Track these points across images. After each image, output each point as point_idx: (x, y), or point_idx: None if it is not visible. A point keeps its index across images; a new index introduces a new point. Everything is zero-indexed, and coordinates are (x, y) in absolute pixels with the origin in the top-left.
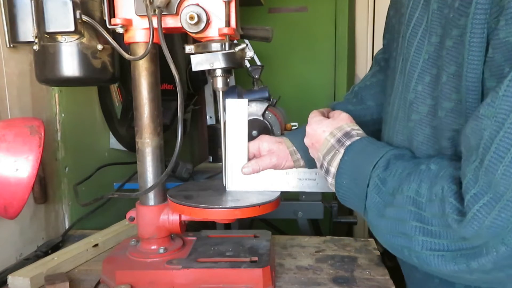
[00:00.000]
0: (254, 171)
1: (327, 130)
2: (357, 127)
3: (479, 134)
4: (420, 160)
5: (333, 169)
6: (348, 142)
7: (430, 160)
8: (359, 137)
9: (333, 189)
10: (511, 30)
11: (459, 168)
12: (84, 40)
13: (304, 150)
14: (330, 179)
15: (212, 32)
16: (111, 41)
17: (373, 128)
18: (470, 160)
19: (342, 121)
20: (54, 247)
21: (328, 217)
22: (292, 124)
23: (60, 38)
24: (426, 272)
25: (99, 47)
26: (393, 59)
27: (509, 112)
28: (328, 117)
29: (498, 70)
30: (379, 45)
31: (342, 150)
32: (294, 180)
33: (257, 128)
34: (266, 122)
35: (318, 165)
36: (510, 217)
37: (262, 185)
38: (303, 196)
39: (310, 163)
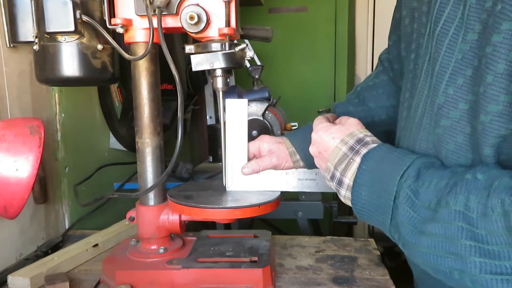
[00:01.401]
0: (254, 171)
1: (337, 137)
2: (369, 133)
3: None
4: (459, 169)
5: (347, 180)
6: (364, 150)
7: (475, 169)
8: (375, 144)
9: (348, 203)
10: None
11: None
12: (84, 40)
13: (303, 151)
14: (344, 192)
15: (212, 32)
16: (111, 41)
17: (373, 131)
18: None
19: (352, 127)
20: (54, 247)
21: (328, 217)
22: (292, 124)
23: (60, 38)
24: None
25: (99, 47)
26: (409, 60)
27: None
28: (334, 123)
29: None
30: (379, 45)
31: (358, 159)
32: (294, 180)
33: (257, 128)
34: (266, 122)
35: (327, 176)
36: None
37: (262, 185)
38: (303, 196)
39: (309, 164)
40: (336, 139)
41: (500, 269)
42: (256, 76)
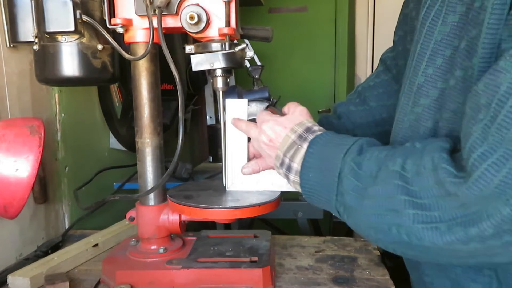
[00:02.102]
0: (254, 171)
1: (288, 127)
2: (317, 124)
3: (494, 90)
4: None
5: (296, 165)
6: (311, 137)
7: (415, 140)
8: (321, 132)
9: (296, 188)
10: None
11: (446, 141)
12: (84, 40)
13: None
14: (293, 176)
15: (212, 32)
16: (111, 41)
17: (375, 130)
18: (477, 119)
19: (301, 116)
20: (54, 247)
21: (328, 217)
22: None
23: (60, 38)
24: (437, 276)
25: (99, 47)
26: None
27: None
28: (283, 112)
29: None
30: (379, 45)
31: (305, 145)
32: None
33: None
34: None
35: (277, 163)
36: None
37: (262, 185)
38: (303, 196)
39: None
40: (287, 129)
41: (430, 218)
42: (256, 76)
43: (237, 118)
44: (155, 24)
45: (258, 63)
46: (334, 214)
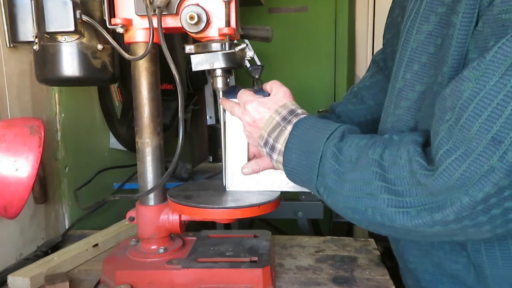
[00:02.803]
0: (254, 171)
1: (272, 108)
2: (299, 106)
3: (458, 95)
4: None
5: (279, 146)
6: (295, 119)
7: (391, 133)
8: (305, 115)
9: (279, 167)
10: (504, 8)
11: (420, 135)
12: (84, 40)
13: None
14: (276, 156)
15: (212, 32)
16: (111, 41)
17: (373, 128)
18: (444, 120)
19: (284, 98)
20: (54, 247)
21: (328, 217)
22: None
23: (60, 38)
24: (421, 262)
25: (99, 47)
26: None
27: (492, 76)
28: (265, 89)
29: (483, 42)
30: (379, 45)
31: (289, 127)
32: None
33: None
34: None
35: (261, 142)
36: (478, 169)
37: (262, 185)
38: (303, 196)
39: None
40: (271, 110)
41: (402, 203)
42: (256, 76)
43: (224, 98)
44: (155, 24)
45: (258, 63)
46: (314, 193)
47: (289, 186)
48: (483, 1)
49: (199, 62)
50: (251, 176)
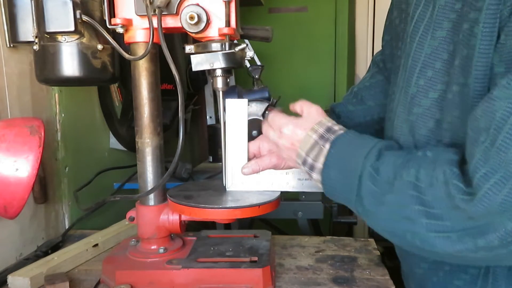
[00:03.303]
0: (254, 171)
1: (308, 127)
2: (334, 121)
3: (491, 116)
4: (413, 150)
5: (319, 165)
6: (332, 137)
7: (425, 148)
8: (342, 131)
9: (318, 185)
10: None
11: (456, 153)
12: (84, 40)
13: None
14: (316, 175)
15: (212, 32)
16: (111, 41)
17: (372, 129)
18: (478, 142)
19: (318, 116)
20: (54, 247)
21: (328, 217)
22: None
23: (60, 38)
24: (430, 266)
25: (99, 47)
26: (397, 58)
27: None
28: (294, 109)
29: (508, 55)
30: (379, 45)
31: (327, 145)
32: (294, 180)
33: (257, 128)
34: None
35: (299, 161)
36: None
37: (262, 185)
38: (303, 196)
39: None
40: (307, 129)
41: (442, 228)
42: (256, 76)
43: (264, 122)
44: (155, 24)
45: (258, 63)
46: (353, 211)
47: (289, 186)
48: (504, 11)
49: (199, 62)
50: (251, 176)
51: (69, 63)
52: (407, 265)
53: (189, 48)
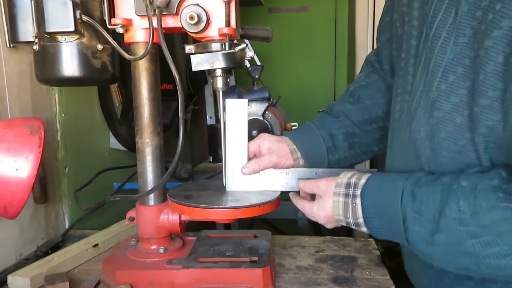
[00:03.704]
0: (254, 171)
1: (329, 195)
2: (349, 173)
3: None
4: (445, 179)
5: (361, 220)
6: (357, 191)
7: (458, 178)
8: (363, 180)
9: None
10: None
11: (494, 178)
12: (84, 40)
13: (304, 149)
14: (364, 228)
15: (212, 32)
16: (111, 41)
17: (370, 127)
18: None
19: (330, 181)
20: (54, 247)
21: None
22: (292, 124)
23: (60, 38)
24: (440, 268)
25: (99, 47)
26: (401, 60)
27: None
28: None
29: None
30: None
31: (358, 201)
32: (294, 180)
33: (257, 128)
34: (266, 122)
35: (344, 224)
36: None
37: (262, 185)
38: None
39: (310, 161)
40: (330, 197)
41: (503, 253)
42: (256, 76)
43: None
44: (155, 24)
45: (258, 63)
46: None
47: (289, 186)
48: None
49: (199, 62)
50: (251, 176)
51: (69, 63)
52: (415, 267)
53: (189, 48)
